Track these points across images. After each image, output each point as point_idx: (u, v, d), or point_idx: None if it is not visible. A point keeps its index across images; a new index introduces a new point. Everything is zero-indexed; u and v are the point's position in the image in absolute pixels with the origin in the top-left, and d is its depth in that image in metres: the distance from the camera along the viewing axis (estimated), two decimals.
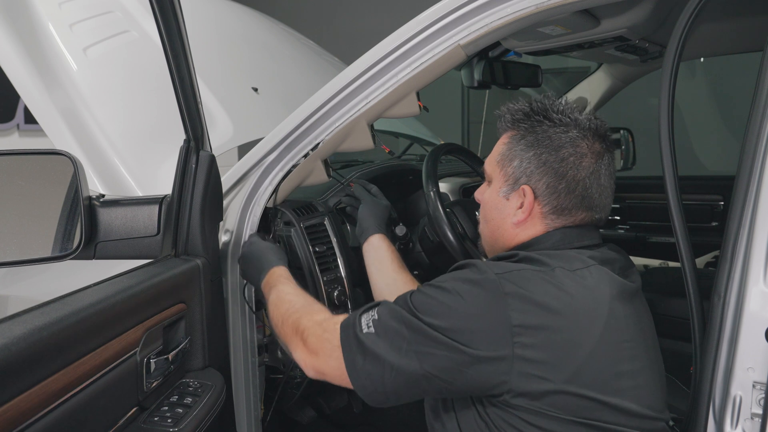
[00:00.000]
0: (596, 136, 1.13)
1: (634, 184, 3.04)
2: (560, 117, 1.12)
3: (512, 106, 1.18)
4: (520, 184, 1.13)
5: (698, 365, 1.07)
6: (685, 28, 1.09)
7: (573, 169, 1.10)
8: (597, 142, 1.13)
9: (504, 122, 1.18)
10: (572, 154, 1.10)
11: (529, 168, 1.12)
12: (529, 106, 1.16)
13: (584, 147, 1.11)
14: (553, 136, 1.11)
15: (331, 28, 5.07)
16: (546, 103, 1.15)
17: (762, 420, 0.92)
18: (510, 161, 1.14)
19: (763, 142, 0.99)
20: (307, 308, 1.20)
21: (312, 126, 1.45)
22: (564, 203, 1.11)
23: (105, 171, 1.59)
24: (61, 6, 1.75)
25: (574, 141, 1.11)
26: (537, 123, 1.13)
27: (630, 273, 1.15)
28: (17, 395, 0.75)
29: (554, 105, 1.15)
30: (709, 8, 1.07)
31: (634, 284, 1.12)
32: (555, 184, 1.10)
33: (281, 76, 2.26)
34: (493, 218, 1.18)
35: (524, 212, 1.12)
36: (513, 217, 1.14)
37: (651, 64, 2.36)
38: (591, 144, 1.12)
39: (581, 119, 1.13)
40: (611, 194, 1.15)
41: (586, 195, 1.11)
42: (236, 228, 1.51)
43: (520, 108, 1.16)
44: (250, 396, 1.53)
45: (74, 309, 0.90)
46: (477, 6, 1.25)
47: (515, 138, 1.15)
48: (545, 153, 1.11)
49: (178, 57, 1.20)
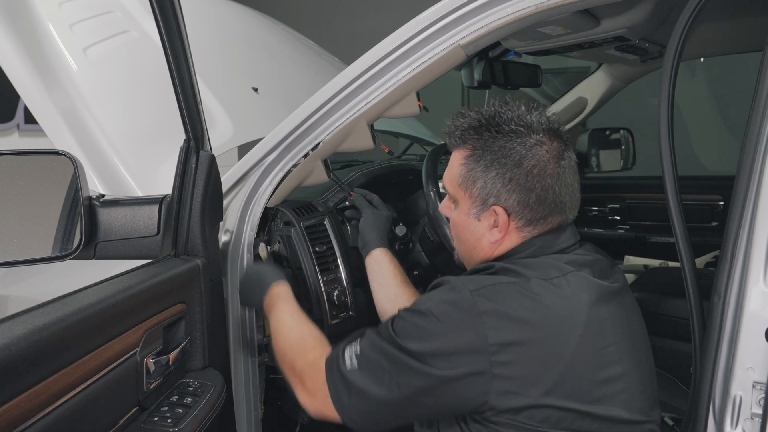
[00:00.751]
0: (552, 134, 1.10)
1: (634, 184, 3.04)
2: (513, 127, 1.08)
3: (459, 122, 1.13)
4: (490, 205, 1.10)
5: (698, 365, 1.07)
6: (685, 28, 1.09)
7: (540, 179, 1.07)
8: (555, 141, 1.10)
9: (454, 139, 1.14)
10: (535, 165, 1.07)
11: (495, 188, 1.08)
12: (477, 120, 1.11)
13: (544, 152, 1.08)
14: (511, 150, 1.08)
15: (331, 28, 5.07)
16: (494, 114, 1.11)
17: (762, 420, 0.92)
18: (473, 183, 1.11)
19: (763, 142, 0.99)
20: (300, 345, 1.19)
21: (312, 126, 1.45)
22: (537, 214, 1.09)
23: (105, 171, 1.59)
24: (61, 6, 1.75)
25: (533, 150, 1.07)
26: (490, 139, 1.09)
27: (611, 273, 1.13)
28: (17, 395, 0.75)
29: (503, 115, 1.10)
30: (709, 8, 1.07)
31: (616, 284, 1.11)
32: (525, 199, 1.08)
33: (281, 76, 2.26)
34: (468, 239, 1.16)
35: (500, 231, 1.10)
36: (489, 236, 1.11)
37: (651, 64, 2.36)
38: (550, 146, 1.09)
39: (534, 123, 1.09)
40: (578, 188, 1.13)
41: (557, 201, 1.09)
42: (236, 228, 1.51)
43: (468, 123, 1.12)
44: (250, 396, 1.53)
45: (74, 309, 0.90)
46: (477, 6, 1.25)
47: (472, 158, 1.11)
48: (508, 171, 1.07)
49: (178, 57, 1.20)
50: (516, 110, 1.11)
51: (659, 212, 2.80)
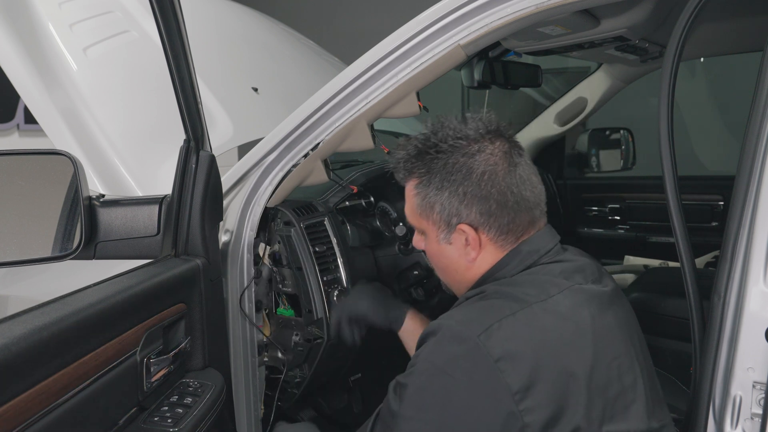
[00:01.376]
0: (494, 135, 1.08)
1: (634, 184, 3.04)
2: (451, 143, 1.06)
3: (399, 154, 1.12)
4: (455, 225, 1.07)
5: (698, 365, 1.07)
6: (685, 28, 1.09)
7: (493, 184, 1.04)
8: (497, 140, 1.07)
9: (399, 173, 1.13)
10: (484, 171, 1.04)
11: (453, 206, 1.06)
12: (415, 148, 1.10)
13: (490, 156, 1.05)
14: (456, 164, 1.05)
15: (331, 28, 5.07)
16: (429, 136, 1.09)
17: (762, 420, 0.92)
18: (431, 209, 1.09)
19: (763, 142, 0.99)
20: None
21: (312, 126, 1.45)
22: (504, 220, 1.06)
23: (105, 171, 1.59)
24: (61, 6, 1.75)
25: (477, 157, 1.05)
26: (433, 160, 1.07)
27: (601, 276, 1.11)
28: (17, 395, 0.75)
29: (438, 134, 1.08)
30: (709, 8, 1.07)
31: (608, 288, 1.08)
32: (486, 208, 1.05)
33: (281, 76, 2.26)
34: (447, 266, 1.14)
35: (474, 248, 1.07)
36: (465, 257, 1.09)
37: (651, 64, 2.36)
38: (494, 148, 1.06)
39: (470, 132, 1.07)
40: (537, 180, 1.10)
41: (519, 200, 1.06)
42: (236, 228, 1.51)
43: (407, 154, 1.10)
44: (250, 396, 1.54)
45: (74, 309, 0.90)
46: (477, 6, 1.25)
47: (421, 185, 1.09)
48: (459, 185, 1.05)
49: (178, 57, 1.20)
50: (450, 125, 1.08)
51: (659, 212, 2.80)
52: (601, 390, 0.96)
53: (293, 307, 1.60)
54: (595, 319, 1.00)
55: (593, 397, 0.95)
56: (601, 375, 0.97)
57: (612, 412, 0.97)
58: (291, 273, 1.58)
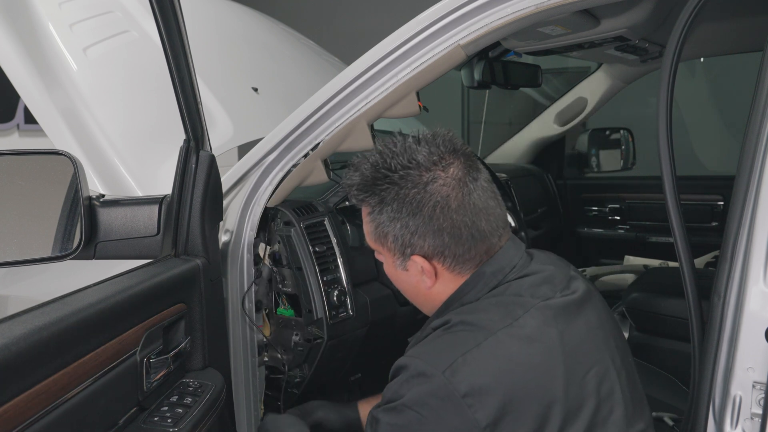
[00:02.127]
0: (450, 156, 1.03)
1: (634, 184, 3.04)
2: (402, 173, 1.02)
3: (351, 180, 1.08)
4: (409, 255, 1.05)
5: (697, 365, 1.07)
6: (684, 28, 1.09)
7: (445, 217, 1.01)
8: (452, 166, 1.03)
9: (352, 198, 1.10)
10: (436, 204, 1.01)
11: (405, 238, 1.03)
12: (362, 177, 1.06)
13: (442, 186, 1.01)
14: (406, 197, 1.01)
15: (331, 28, 5.07)
16: (380, 163, 1.04)
17: (762, 420, 0.92)
18: (384, 238, 1.06)
19: (763, 142, 0.99)
20: None
21: (312, 126, 1.45)
22: (459, 250, 1.03)
23: (105, 171, 1.59)
24: (61, 6, 1.75)
25: (429, 189, 1.01)
26: (383, 192, 1.04)
27: (569, 282, 1.07)
28: (17, 395, 0.75)
29: (389, 160, 1.03)
30: (708, 8, 1.07)
31: (576, 294, 1.05)
32: (439, 242, 1.02)
33: (281, 76, 2.26)
34: (407, 290, 1.13)
35: (429, 278, 1.06)
36: (422, 284, 1.07)
37: (651, 64, 2.37)
38: (446, 177, 1.02)
39: (423, 158, 1.02)
40: (496, 204, 1.06)
41: (473, 231, 1.02)
42: (236, 228, 1.51)
43: (358, 181, 1.07)
44: (250, 396, 1.53)
45: (74, 309, 0.90)
46: (477, 6, 1.25)
47: (374, 213, 1.06)
48: (410, 219, 1.02)
49: (178, 57, 1.20)
50: (402, 148, 1.04)
51: (659, 212, 2.81)
52: (576, 409, 0.94)
53: (293, 307, 1.60)
54: (564, 335, 0.97)
55: (569, 418, 0.93)
56: (576, 393, 0.95)
57: (591, 427, 0.96)
58: (291, 273, 1.58)
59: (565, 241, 3.10)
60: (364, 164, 1.07)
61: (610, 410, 0.99)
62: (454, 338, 0.97)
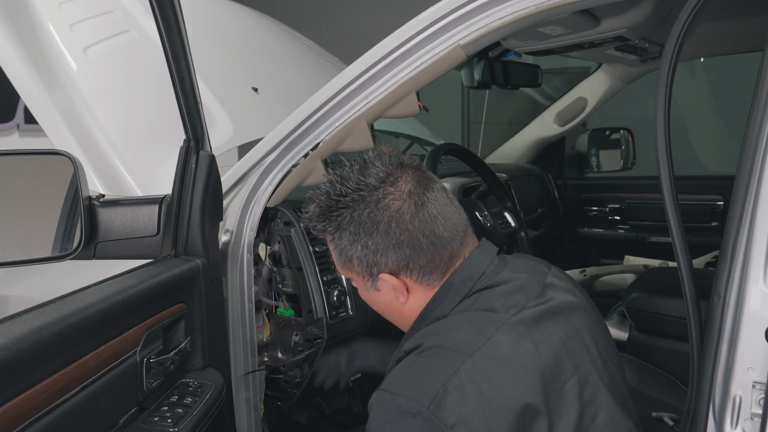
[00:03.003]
0: (395, 171, 1.04)
1: (634, 184, 3.04)
2: (353, 196, 1.03)
3: (308, 212, 1.10)
4: (376, 274, 1.05)
5: (695, 365, 1.07)
6: (683, 28, 1.08)
7: (401, 230, 1.01)
8: (400, 180, 1.03)
9: (313, 230, 1.11)
10: (390, 220, 1.01)
11: (368, 258, 1.04)
12: (318, 207, 1.07)
13: (393, 201, 1.02)
14: (360, 218, 1.03)
15: (331, 28, 5.07)
16: (330, 191, 1.06)
17: (762, 420, 0.92)
18: (350, 262, 1.07)
19: (763, 142, 0.99)
20: None
21: (312, 126, 1.45)
22: (422, 260, 1.03)
23: (105, 171, 1.59)
24: (61, 6, 1.75)
25: (380, 206, 1.02)
26: (339, 217, 1.05)
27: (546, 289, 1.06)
28: (17, 395, 0.75)
29: (339, 187, 1.05)
30: (708, 8, 1.07)
31: (552, 302, 1.03)
32: (401, 255, 1.02)
33: (281, 76, 2.27)
34: (383, 310, 1.14)
35: (401, 294, 1.06)
36: (396, 301, 1.08)
37: (651, 64, 2.37)
38: (395, 191, 1.02)
39: (371, 178, 1.03)
40: (453, 210, 1.06)
41: (433, 239, 1.02)
42: (236, 228, 1.51)
43: (314, 212, 1.08)
44: (250, 396, 1.54)
45: (74, 309, 0.90)
46: (477, 6, 1.25)
47: (335, 240, 1.07)
48: (369, 239, 1.03)
49: (178, 57, 1.20)
50: (350, 173, 1.05)
51: (659, 212, 2.80)
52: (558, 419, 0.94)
53: (293, 307, 1.60)
54: (540, 347, 0.96)
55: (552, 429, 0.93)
56: (557, 403, 0.95)
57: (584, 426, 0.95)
58: (291, 273, 1.58)
59: (565, 241, 3.10)
60: (318, 195, 1.08)
61: (593, 415, 0.98)
62: (430, 365, 0.96)
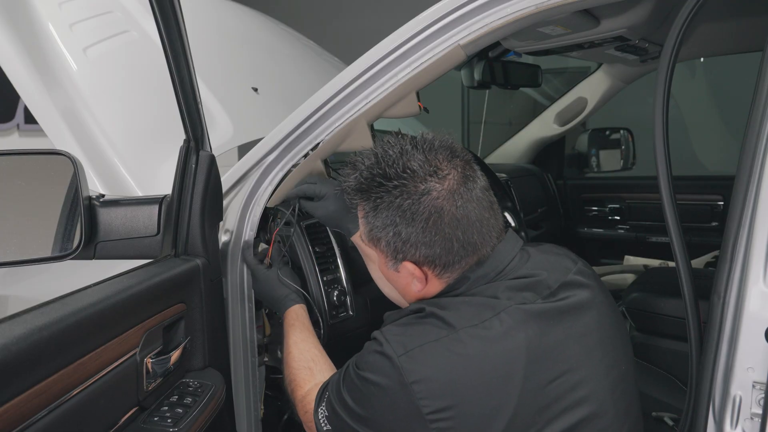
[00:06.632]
0: (444, 166, 1.03)
1: (634, 184, 3.04)
2: (396, 182, 1.02)
3: (348, 182, 1.10)
4: (400, 260, 1.06)
5: (694, 365, 1.07)
6: (682, 28, 1.09)
7: (437, 230, 1.01)
8: (448, 177, 1.02)
9: (348, 198, 1.12)
10: (429, 216, 1.01)
11: (397, 246, 1.04)
12: (358, 181, 1.07)
13: (436, 199, 1.01)
14: (400, 207, 1.02)
15: (331, 28, 5.07)
16: (376, 167, 1.05)
17: (762, 420, 0.92)
18: (378, 241, 1.07)
19: (763, 142, 0.99)
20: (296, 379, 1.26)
21: (312, 126, 1.45)
22: (449, 260, 1.03)
23: (105, 171, 1.59)
24: (61, 6, 1.75)
25: (423, 201, 1.01)
26: (377, 198, 1.04)
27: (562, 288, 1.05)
28: (17, 395, 0.75)
29: (386, 168, 1.04)
30: (708, 8, 1.07)
31: (567, 300, 1.03)
32: (430, 252, 1.03)
33: (281, 76, 2.27)
34: (396, 288, 1.15)
35: (420, 282, 1.08)
36: (412, 286, 1.09)
37: (651, 64, 2.37)
38: (441, 187, 1.01)
39: (419, 167, 1.01)
40: (491, 214, 1.06)
41: (465, 245, 1.02)
42: (236, 228, 1.51)
43: (354, 184, 1.08)
44: (250, 396, 1.53)
45: (74, 309, 0.90)
46: (477, 6, 1.25)
47: (368, 217, 1.07)
48: (403, 229, 1.02)
49: (178, 57, 1.20)
50: (398, 154, 1.04)
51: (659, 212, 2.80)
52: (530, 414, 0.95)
53: None
54: (532, 341, 0.96)
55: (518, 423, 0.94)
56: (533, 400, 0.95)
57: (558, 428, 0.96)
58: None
59: (565, 241, 3.10)
60: (360, 165, 1.09)
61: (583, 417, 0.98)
62: (421, 328, 1.00)
